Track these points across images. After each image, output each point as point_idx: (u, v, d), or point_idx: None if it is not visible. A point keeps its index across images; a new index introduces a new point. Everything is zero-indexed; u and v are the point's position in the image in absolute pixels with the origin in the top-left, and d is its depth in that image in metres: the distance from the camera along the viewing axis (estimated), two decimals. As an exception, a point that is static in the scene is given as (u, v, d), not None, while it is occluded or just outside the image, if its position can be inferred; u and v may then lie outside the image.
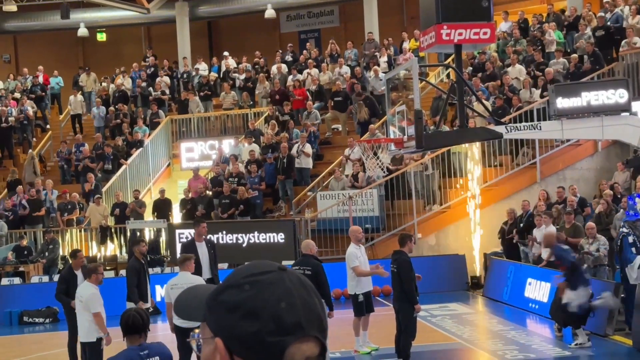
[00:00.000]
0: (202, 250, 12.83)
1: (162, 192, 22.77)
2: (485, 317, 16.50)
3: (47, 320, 18.14)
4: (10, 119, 26.55)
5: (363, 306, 12.67)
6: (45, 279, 19.58)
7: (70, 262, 12.91)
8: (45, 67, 29.55)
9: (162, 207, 22.35)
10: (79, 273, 11.93)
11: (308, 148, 22.71)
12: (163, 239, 21.63)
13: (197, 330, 1.58)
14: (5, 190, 24.59)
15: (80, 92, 28.58)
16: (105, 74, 29.29)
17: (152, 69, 28.77)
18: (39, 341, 16.14)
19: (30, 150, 25.92)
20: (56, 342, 12.69)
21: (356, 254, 12.67)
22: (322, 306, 1.55)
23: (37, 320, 18.23)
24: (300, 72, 26.67)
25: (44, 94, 28.83)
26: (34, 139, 26.87)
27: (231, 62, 28.55)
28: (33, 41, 32.84)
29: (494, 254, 18.83)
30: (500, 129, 12.55)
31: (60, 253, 21.48)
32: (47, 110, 28.94)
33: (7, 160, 26.46)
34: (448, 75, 24.00)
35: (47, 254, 21.00)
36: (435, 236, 20.05)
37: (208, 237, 13.79)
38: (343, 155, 22.36)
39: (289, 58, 28.12)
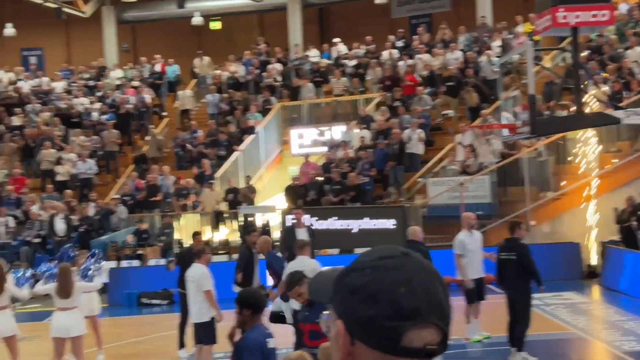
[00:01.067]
0: (302, 236, 12.96)
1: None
2: (601, 307, 16.06)
3: (164, 302, 18.68)
4: (128, 106, 27.42)
5: (474, 293, 12.53)
6: (162, 262, 20.17)
7: (192, 243, 13.40)
8: (162, 55, 30.34)
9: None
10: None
11: (419, 134, 22.57)
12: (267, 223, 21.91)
13: (326, 312, 1.61)
14: (131, 166, 25.61)
15: (195, 81, 29.25)
16: (219, 61, 29.83)
17: (264, 56, 29.14)
18: (156, 322, 16.64)
19: (151, 129, 26.82)
20: (172, 324, 13.07)
21: (465, 242, 12.55)
22: (445, 293, 1.52)
23: (154, 301, 18.80)
24: (412, 57, 26.50)
25: (160, 82, 29.62)
26: (152, 126, 27.64)
27: (342, 48, 28.62)
28: (151, 30, 33.73)
29: (611, 242, 18.28)
30: (618, 114, 12.16)
31: (176, 237, 22.08)
32: (164, 98, 29.72)
33: (126, 147, 27.33)
34: (564, 59, 23.37)
35: (163, 237, 21.63)
36: (550, 224, 19.62)
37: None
38: (454, 141, 22.12)
39: (400, 44, 27.96)
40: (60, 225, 21.99)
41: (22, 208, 23.31)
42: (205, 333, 10.74)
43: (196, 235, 13.45)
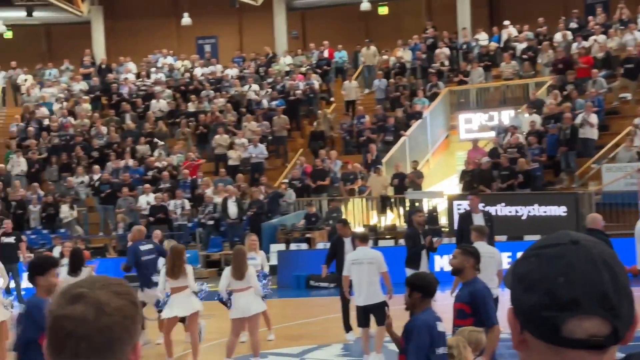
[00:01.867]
0: (478, 221, 12.77)
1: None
2: None
3: (332, 285, 18.93)
4: (297, 92, 27.95)
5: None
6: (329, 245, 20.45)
7: (339, 230, 13.55)
8: (330, 41, 30.68)
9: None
10: (346, 240, 12.64)
11: (593, 118, 21.72)
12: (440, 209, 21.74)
13: None
14: (300, 150, 26.14)
15: (361, 69, 29.43)
16: (386, 47, 29.85)
17: (432, 41, 28.90)
18: (323, 305, 16.90)
19: (321, 111, 27.23)
20: (339, 307, 13.23)
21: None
22: (616, 283, 1.44)
23: (321, 284, 19.09)
24: (586, 39, 25.50)
25: (328, 68, 29.98)
26: (319, 112, 28.04)
27: (512, 31, 27.95)
28: (319, 17, 34.18)
29: None
30: None
31: (343, 221, 22.33)
32: (332, 84, 30.06)
33: (294, 132, 27.88)
34: None
35: (330, 221, 21.92)
36: None
37: (486, 209, 13.76)
38: (632, 125, 21.14)
39: (573, 25, 26.98)
40: (232, 208, 22.74)
41: (197, 191, 24.29)
42: (379, 314, 10.83)
43: (344, 224, 13.67)
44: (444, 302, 10.66)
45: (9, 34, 32.58)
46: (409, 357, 6.10)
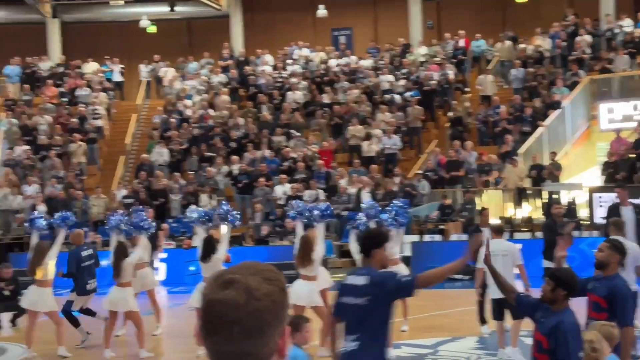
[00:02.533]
0: (628, 214, 12.39)
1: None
2: None
3: (466, 277, 18.74)
4: (432, 82, 27.71)
5: None
6: (464, 237, 20.23)
7: (482, 217, 13.41)
8: (467, 31, 30.22)
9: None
10: (485, 230, 12.49)
11: None
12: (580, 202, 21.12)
13: None
14: (434, 141, 26.02)
15: (496, 61, 28.86)
16: (526, 35, 29.16)
17: (573, 28, 28.02)
18: (458, 297, 16.76)
19: (457, 101, 26.90)
20: (474, 299, 13.08)
21: None
22: None
23: (456, 276, 18.91)
24: None
25: (464, 57, 29.55)
26: (454, 102, 27.71)
27: (660, 16, 26.79)
28: (455, 6, 33.73)
29: None
30: None
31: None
32: (467, 74, 29.63)
33: (429, 123, 27.67)
34: None
35: (464, 213, 21.67)
36: None
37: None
38: None
39: None
40: (366, 199, 22.80)
41: (331, 182, 24.50)
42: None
43: (483, 210, 13.59)
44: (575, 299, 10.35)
45: (152, 29, 33.80)
46: None
